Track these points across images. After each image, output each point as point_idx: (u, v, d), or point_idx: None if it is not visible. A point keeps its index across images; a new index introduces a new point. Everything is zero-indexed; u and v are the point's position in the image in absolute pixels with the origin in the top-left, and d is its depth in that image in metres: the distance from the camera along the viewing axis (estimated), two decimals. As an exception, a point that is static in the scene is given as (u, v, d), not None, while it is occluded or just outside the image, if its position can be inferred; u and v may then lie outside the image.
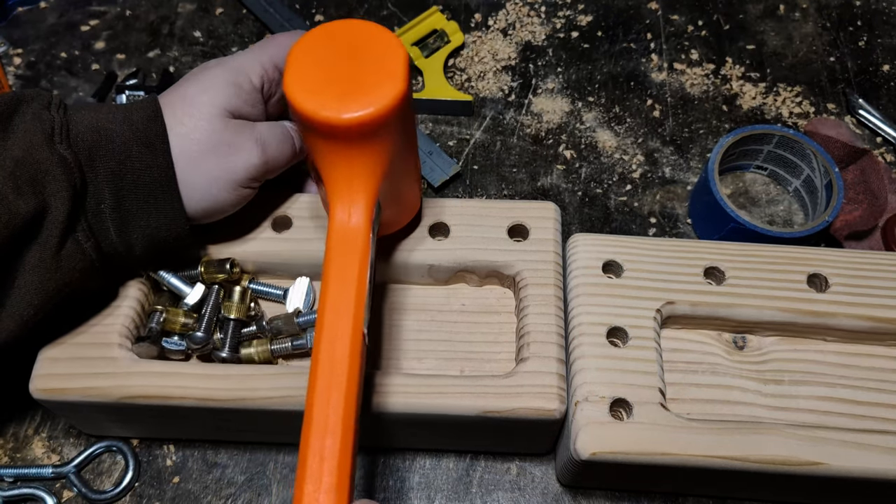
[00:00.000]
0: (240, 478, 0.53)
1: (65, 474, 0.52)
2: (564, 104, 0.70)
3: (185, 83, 0.48)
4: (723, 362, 0.51)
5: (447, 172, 0.64)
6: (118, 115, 0.46)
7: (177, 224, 0.47)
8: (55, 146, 0.43)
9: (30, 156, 0.42)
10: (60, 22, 0.75)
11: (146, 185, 0.45)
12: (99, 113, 0.46)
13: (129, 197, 0.45)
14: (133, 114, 0.46)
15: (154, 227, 0.47)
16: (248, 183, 0.48)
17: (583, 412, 0.45)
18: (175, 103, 0.47)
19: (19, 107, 0.44)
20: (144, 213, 0.46)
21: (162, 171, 0.45)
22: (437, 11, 0.73)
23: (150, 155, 0.45)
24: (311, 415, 0.37)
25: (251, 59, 0.49)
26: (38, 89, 0.46)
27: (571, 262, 0.51)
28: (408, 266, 0.52)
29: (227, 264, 0.51)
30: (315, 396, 0.37)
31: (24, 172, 0.42)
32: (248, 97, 0.48)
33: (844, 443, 0.44)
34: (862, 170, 0.62)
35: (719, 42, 0.73)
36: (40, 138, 0.43)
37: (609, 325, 0.48)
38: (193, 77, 0.48)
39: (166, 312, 0.50)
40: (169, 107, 0.47)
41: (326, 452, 0.36)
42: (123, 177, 0.45)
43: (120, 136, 0.45)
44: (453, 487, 0.52)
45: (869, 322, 0.49)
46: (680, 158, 0.66)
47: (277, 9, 0.74)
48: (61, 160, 0.43)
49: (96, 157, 0.44)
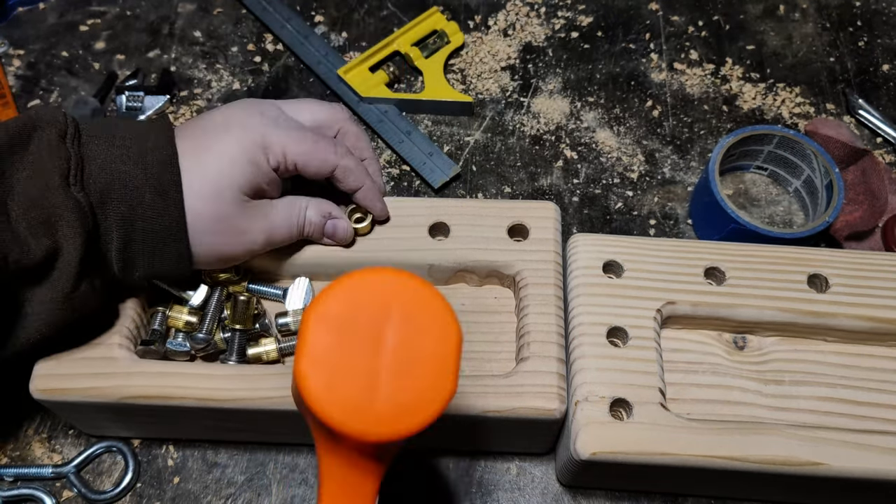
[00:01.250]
0: (240, 478, 0.53)
1: (65, 474, 0.52)
2: (564, 105, 0.70)
3: (209, 136, 0.47)
4: (723, 362, 0.51)
5: (447, 174, 0.64)
6: (132, 150, 0.45)
7: (181, 267, 0.47)
8: (70, 189, 0.42)
9: (45, 198, 0.42)
10: (60, 22, 0.75)
11: (155, 232, 0.45)
12: (112, 148, 0.45)
13: (137, 241, 0.45)
14: (148, 154, 0.45)
15: (158, 268, 0.47)
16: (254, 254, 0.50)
17: (583, 412, 0.45)
18: (193, 154, 0.46)
19: (34, 132, 0.44)
20: (150, 257, 0.46)
21: (173, 219, 0.45)
22: (437, 12, 0.73)
23: (163, 203, 0.45)
24: None
25: (279, 139, 0.48)
26: (53, 109, 0.45)
27: (572, 262, 0.51)
28: (408, 266, 0.52)
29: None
30: None
31: (39, 214, 0.42)
32: (266, 177, 0.48)
33: (845, 443, 0.44)
34: (863, 170, 0.62)
35: (719, 42, 0.73)
36: (56, 180, 0.42)
37: (609, 325, 0.48)
38: (218, 132, 0.47)
39: (169, 310, 0.50)
40: (189, 156, 0.46)
41: None
42: (134, 222, 0.45)
43: (133, 179, 0.44)
44: (453, 487, 0.52)
45: (869, 322, 0.49)
46: (680, 158, 0.66)
47: (276, 8, 0.74)
48: (76, 205, 0.42)
49: (108, 201, 0.44)
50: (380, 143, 0.67)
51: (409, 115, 0.69)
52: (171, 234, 0.45)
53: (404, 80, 0.71)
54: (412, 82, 0.71)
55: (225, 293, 0.52)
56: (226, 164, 0.46)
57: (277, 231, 0.49)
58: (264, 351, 0.51)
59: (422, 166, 0.65)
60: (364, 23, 0.75)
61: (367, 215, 0.53)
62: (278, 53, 0.73)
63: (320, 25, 0.74)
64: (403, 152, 0.65)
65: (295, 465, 0.53)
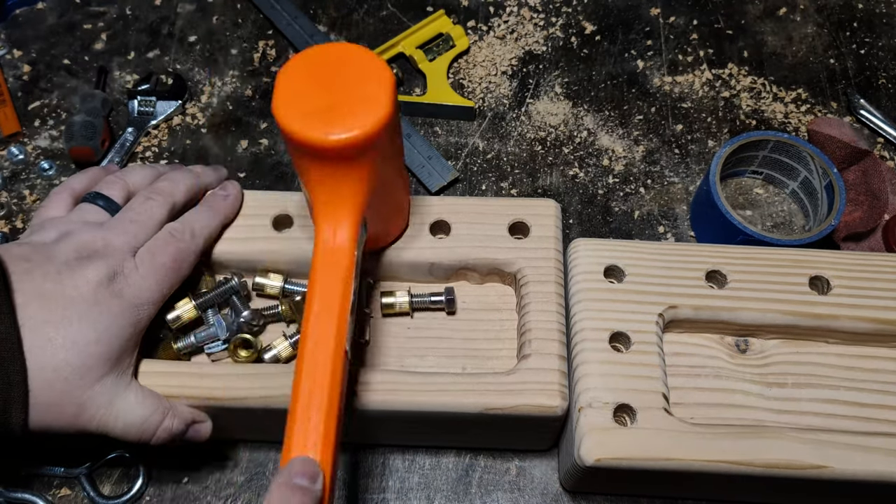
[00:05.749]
0: (240, 478, 0.53)
1: (75, 475, 0.52)
2: (565, 107, 0.70)
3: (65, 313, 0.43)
4: (725, 366, 0.51)
5: (445, 178, 0.64)
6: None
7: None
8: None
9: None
10: (60, 22, 0.75)
11: None
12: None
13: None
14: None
15: None
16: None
17: (586, 418, 0.45)
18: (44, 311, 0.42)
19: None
20: None
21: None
22: (443, 15, 0.72)
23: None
24: (290, 437, 0.38)
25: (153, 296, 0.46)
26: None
27: (573, 267, 0.51)
28: (409, 264, 0.52)
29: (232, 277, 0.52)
30: (296, 417, 0.38)
31: None
32: (136, 341, 0.46)
33: (848, 446, 0.44)
34: (864, 171, 0.61)
35: (719, 43, 0.73)
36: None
37: (611, 331, 0.48)
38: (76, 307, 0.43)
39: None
40: (38, 304, 0.42)
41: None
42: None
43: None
44: (453, 487, 0.52)
45: (871, 324, 0.49)
46: (680, 160, 0.66)
47: (284, 6, 0.74)
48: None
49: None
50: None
51: (409, 117, 0.69)
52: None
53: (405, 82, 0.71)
54: (413, 85, 0.71)
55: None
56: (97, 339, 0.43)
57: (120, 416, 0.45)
58: (279, 351, 0.52)
59: (420, 170, 0.65)
60: (364, 23, 0.75)
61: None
62: (279, 54, 0.73)
63: (320, 25, 0.74)
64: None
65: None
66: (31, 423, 0.42)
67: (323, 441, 0.37)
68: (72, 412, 0.43)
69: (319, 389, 0.39)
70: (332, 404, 0.38)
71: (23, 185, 0.65)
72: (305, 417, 0.38)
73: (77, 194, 0.51)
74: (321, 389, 0.39)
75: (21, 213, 0.64)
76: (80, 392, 0.43)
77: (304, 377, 0.39)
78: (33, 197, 0.64)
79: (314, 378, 0.39)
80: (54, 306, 0.43)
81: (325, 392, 0.38)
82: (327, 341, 0.40)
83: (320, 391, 0.38)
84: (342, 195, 0.42)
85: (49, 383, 0.42)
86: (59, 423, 0.43)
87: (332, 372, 0.39)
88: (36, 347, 0.41)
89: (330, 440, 0.38)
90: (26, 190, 0.65)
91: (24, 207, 0.64)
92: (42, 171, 0.65)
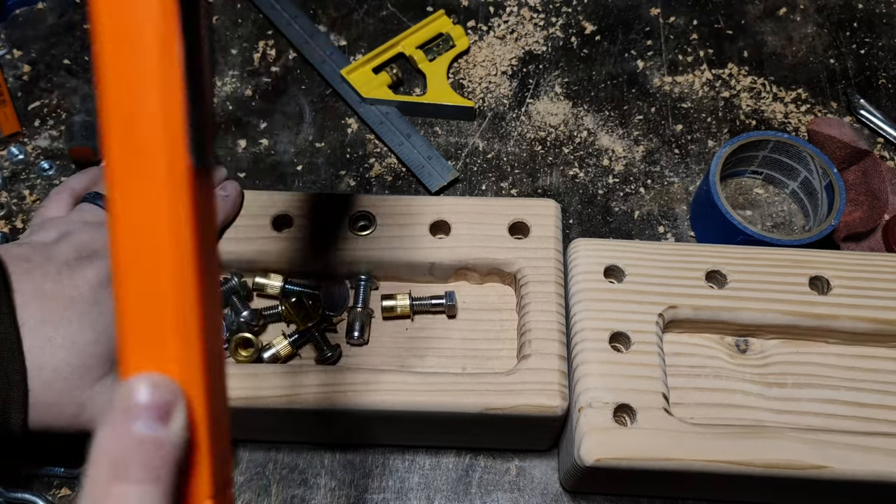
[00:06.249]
0: (240, 478, 0.53)
1: (76, 475, 0.52)
2: (565, 107, 0.70)
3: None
4: (726, 366, 0.51)
5: (445, 178, 0.64)
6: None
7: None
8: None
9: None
10: (60, 22, 0.75)
11: None
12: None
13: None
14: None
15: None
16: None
17: (586, 418, 0.45)
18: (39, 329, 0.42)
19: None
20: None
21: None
22: (443, 15, 0.72)
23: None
24: (124, 338, 0.24)
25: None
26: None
27: (573, 267, 0.51)
28: (409, 264, 0.52)
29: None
30: (129, 299, 0.24)
31: None
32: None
33: (849, 446, 0.44)
34: (864, 171, 0.61)
35: (719, 43, 0.73)
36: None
37: (611, 331, 0.48)
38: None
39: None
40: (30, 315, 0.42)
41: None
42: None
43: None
44: (453, 488, 0.52)
45: (871, 324, 0.49)
46: (680, 160, 0.66)
47: (284, 6, 0.74)
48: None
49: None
50: (379, 145, 0.67)
51: (409, 117, 0.69)
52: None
53: (405, 83, 0.71)
54: (413, 85, 0.71)
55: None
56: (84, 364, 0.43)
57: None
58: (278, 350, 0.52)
59: (420, 170, 0.65)
60: (363, 23, 0.75)
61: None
62: (278, 54, 0.73)
63: (320, 25, 0.74)
64: (402, 155, 0.65)
65: (295, 465, 0.53)
66: (30, 423, 0.42)
67: (186, 342, 0.22)
68: (71, 412, 0.43)
69: (172, 244, 0.23)
70: (196, 269, 0.23)
71: (23, 185, 0.65)
72: (146, 297, 0.23)
73: (77, 194, 0.51)
74: (174, 243, 0.23)
75: (21, 213, 0.64)
76: (80, 392, 0.43)
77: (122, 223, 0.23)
78: (33, 197, 0.64)
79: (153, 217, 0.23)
80: (54, 306, 0.43)
81: (179, 248, 0.23)
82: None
83: (172, 247, 0.23)
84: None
85: (48, 383, 0.42)
86: (59, 423, 0.43)
87: (183, 203, 0.22)
88: (35, 347, 0.41)
89: (200, 338, 0.22)
90: (26, 190, 0.65)
91: (24, 207, 0.64)
92: (42, 171, 0.65)
